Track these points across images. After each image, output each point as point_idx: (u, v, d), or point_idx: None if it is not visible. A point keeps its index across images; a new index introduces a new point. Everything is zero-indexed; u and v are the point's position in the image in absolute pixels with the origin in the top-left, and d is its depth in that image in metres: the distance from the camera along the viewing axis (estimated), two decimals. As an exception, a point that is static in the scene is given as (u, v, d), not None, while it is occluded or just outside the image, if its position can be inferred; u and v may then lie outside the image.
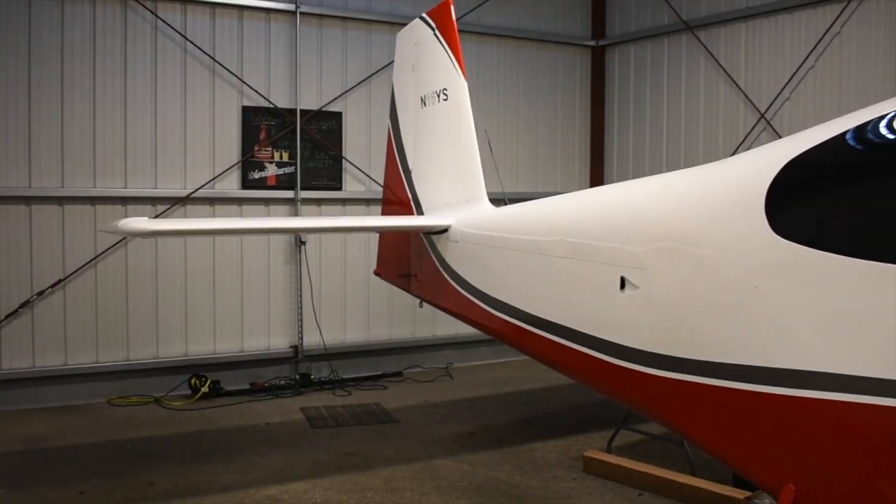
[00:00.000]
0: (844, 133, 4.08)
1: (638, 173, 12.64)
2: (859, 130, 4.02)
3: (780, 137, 9.38)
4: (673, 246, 4.88)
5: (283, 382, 11.58)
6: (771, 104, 11.29)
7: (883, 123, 3.94)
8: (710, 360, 4.58)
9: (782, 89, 11.15)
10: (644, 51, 13.53)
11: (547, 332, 6.37)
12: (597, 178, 14.12)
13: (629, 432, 8.74)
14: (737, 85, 11.85)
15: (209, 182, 11.30)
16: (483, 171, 8.12)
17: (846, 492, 3.97)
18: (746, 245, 4.34)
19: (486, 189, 8.08)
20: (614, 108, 14.11)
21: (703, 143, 12.36)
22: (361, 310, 12.41)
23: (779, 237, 4.14)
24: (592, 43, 14.21)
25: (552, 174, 14.05)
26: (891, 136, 3.94)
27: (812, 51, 10.81)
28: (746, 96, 11.69)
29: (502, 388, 11.71)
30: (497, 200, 8.03)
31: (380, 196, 10.56)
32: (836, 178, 4.18)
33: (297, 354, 11.92)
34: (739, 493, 7.12)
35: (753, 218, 4.28)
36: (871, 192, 3.93)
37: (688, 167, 5.64)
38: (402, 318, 12.51)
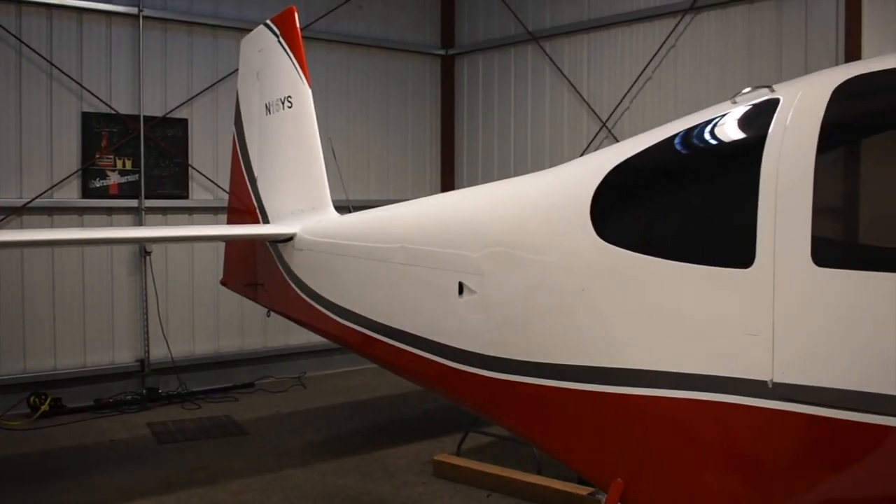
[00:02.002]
0: (660, 143, 4.28)
1: (487, 179, 12.84)
2: (673, 140, 4.23)
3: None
4: (506, 251, 5.00)
5: (129, 398, 11.21)
6: (612, 113, 11.70)
7: (694, 133, 4.15)
8: (541, 361, 4.72)
9: (622, 99, 11.57)
10: (492, 60, 13.79)
11: (391, 338, 6.41)
12: (448, 184, 14.29)
13: (478, 435, 8.88)
14: (580, 94, 12.22)
15: (47, 191, 10.84)
16: (329, 179, 8.11)
17: (671, 484, 4.15)
18: (574, 250, 4.49)
19: (332, 197, 8.07)
20: (464, 116, 14.32)
21: (549, 150, 12.68)
22: (210, 321, 12.15)
23: (603, 241, 4.31)
24: (442, 52, 14.39)
25: (404, 181, 14.13)
26: (700, 146, 4.16)
27: (650, 62, 11.26)
28: (589, 106, 12.07)
29: (355, 396, 11.69)
30: (343, 208, 8.03)
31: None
32: (652, 185, 4.38)
33: (143, 368, 11.55)
34: (583, 490, 7.33)
35: (580, 223, 4.44)
36: (684, 197, 4.14)
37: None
38: (253, 328, 12.31)
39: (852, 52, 9.23)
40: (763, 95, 3.96)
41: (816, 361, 3.48)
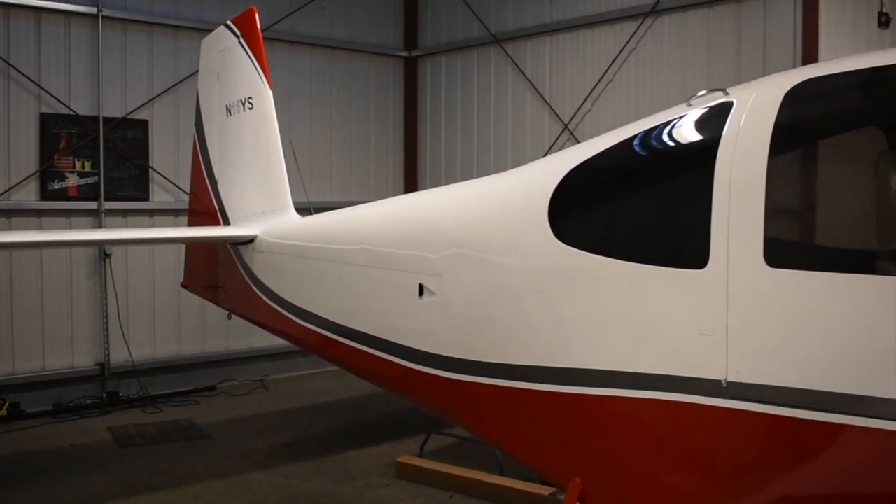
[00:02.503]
0: (615, 145, 4.33)
1: (450, 180, 12.86)
2: (629, 143, 4.27)
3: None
4: (465, 253, 5.02)
5: (89, 402, 11.08)
6: (574, 115, 11.76)
7: (649, 136, 4.19)
8: (500, 362, 4.75)
9: (584, 101, 11.64)
10: (455, 62, 13.81)
11: (352, 340, 6.41)
12: (411, 185, 14.29)
13: (441, 436, 8.89)
14: (542, 97, 12.27)
15: (4, 193, 10.68)
16: (290, 181, 8.08)
17: (629, 483, 4.19)
18: (531, 251, 4.52)
19: (294, 198, 8.04)
20: (427, 118, 14.32)
21: (511, 151, 12.72)
22: (172, 323, 12.04)
23: (561, 243, 4.35)
24: (405, 54, 14.38)
25: (367, 182, 14.10)
26: (655, 148, 4.20)
27: (611, 65, 11.33)
28: (551, 108, 12.13)
29: (318, 399, 11.64)
30: (304, 210, 8.00)
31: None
32: (607, 186, 4.42)
33: (103, 372, 11.41)
34: (545, 490, 7.36)
35: (538, 225, 4.47)
36: (639, 199, 4.18)
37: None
38: (215, 330, 12.20)
39: (809, 55, 9.35)
40: (717, 98, 4.01)
41: (769, 361, 3.53)
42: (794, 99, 3.69)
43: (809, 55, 9.34)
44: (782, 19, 9.73)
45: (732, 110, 3.83)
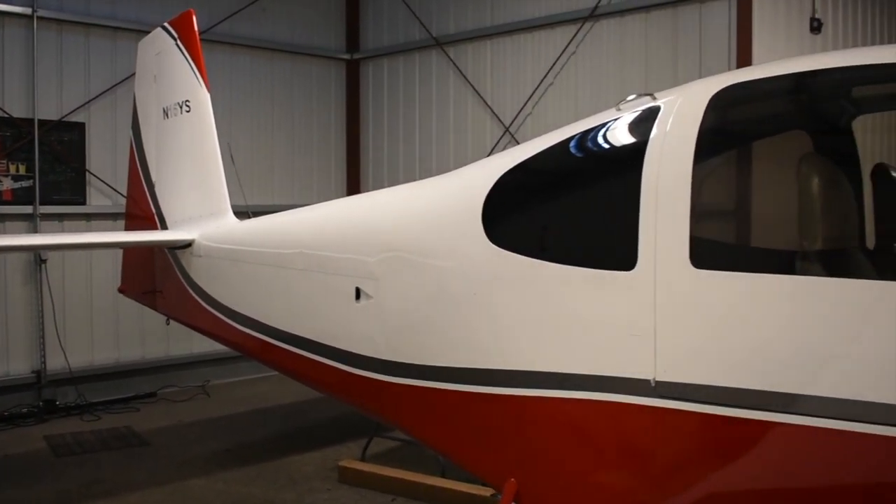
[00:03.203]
0: (546, 149, 4.39)
1: (393, 183, 12.73)
2: (558, 147, 4.33)
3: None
4: (401, 256, 5.03)
5: (24, 410, 10.86)
6: (515, 118, 11.84)
7: (578, 140, 4.25)
8: (435, 364, 4.77)
9: (525, 104, 11.72)
10: (397, 65, 13.81)
11: (291, 345, 6.38)
12: (353, 188, 14.25)
13: (384, 439, 8.87)
14: (483, 100, 12.33)
15: (-65, 198, 10.47)
16: (229, 184, 8.03)
17: (563, 483, 4.23)
18: (465, 254, 4.55)
19: (232, 202, 7.99)
20: (369, 121, 14.31)
21: (453, 154, 12.75)
22: (110, 329, 11.85)
23: (494, 245, 4.38)
24: (347, 56, 14.35)
25: (309, 186, 14.03)
26: (584, 152, 4.26)
27: (551, 68, 11.43)
28: (492, 111, 12.19)
29: (261, 404, 11.56)
30: (242, 213, 7.95)
31: (128, 210, 10.17)
32: (539, 190, 4.47)
33: (39, 380, 11.19)
34: (486, 491, 7.39)
35: (472, 228, 4.50)
36: (569, 202, 4.23)
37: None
38: (154, 336, 12.03)
39: (743, 59, 9.53)
40: (645, 103, 4.07)
41: (696, 360, 3.60)
42: (719, 103, 3.77)
43: (744, 59, 9.52)
44: (717, 24, 9.90)
45: (659, 114, 3.90)
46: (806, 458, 3.38)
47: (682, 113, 3.82)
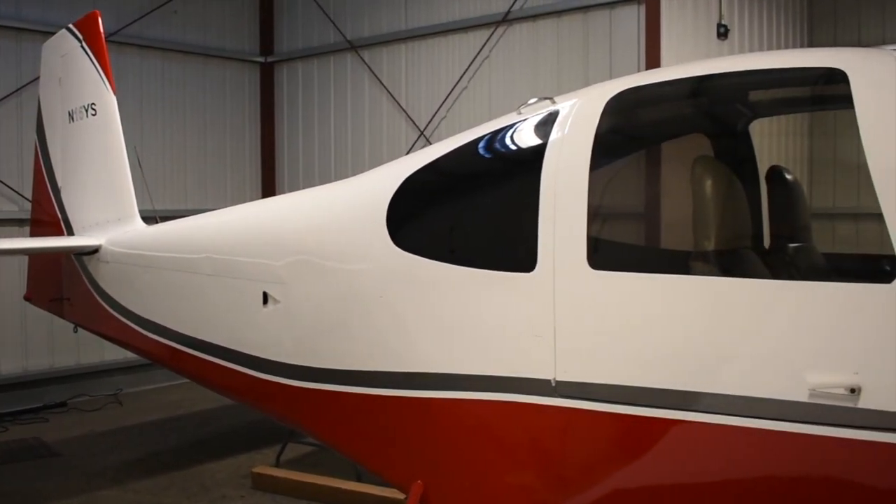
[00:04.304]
0: (448, 153, 4.43)
1: (309, 186, 12.74)
2: (460, 150, 4.37)
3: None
4: (307, 260, 5.02)
5: (-73, 423, 10.53)
6: (430, 121, 11.88)
7: (480, 144, 4.30)
8: (343, 368, 4.77)
9: (439, 108, 11.77)
10: (312, 68, 13.74)
11: (200, 351, 6.30)
12: (269, 192, 14.11)
13: (299, 445, 8.82)
14: (398, 103, 12.35)
15: None
16: (137, 189, 7.90)
17: (468, 483, 4.27)
18: (371, 257, 4.56)
19: (140, 207, 7.87)
20: (284, 124, 14.19)
21: (369, 158, 12.72)
22: (17, 338, 11.50)
23: (398, 248, 4.40)
24: (261, 59, 14.21)
25: (223, 190, 13.84)
26: (485, 156, 4.31)
27: (465, 72, 11.50)
28: (407, 114, 12.22)
29: (174, 411, 11.37)
30: (150, 219, 7.82)
31: (36, 216, 9.91)
32: (441, 193, 4.51)
33: (-57, 391, 10.87)
34: (400, 495, 7.38)
35: (377, 231, 4.51)
36: (471, 205, 4.27)
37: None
38: (64, 344, 11.70)
39: (652, 64, 9.72)
40: (544, 107, 4.14)
41: (595, 359, 3.66)
42: (615, 107, 3.85)
43: (652, 64, 9.71)
44: (627, 29, 10.09)
45: (558, 118, 3.96)
46: (706, 455, 3.46)
47: (579, 117, 3.89)
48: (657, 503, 3.65)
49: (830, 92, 3.85)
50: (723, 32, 10.51)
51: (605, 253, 3.80)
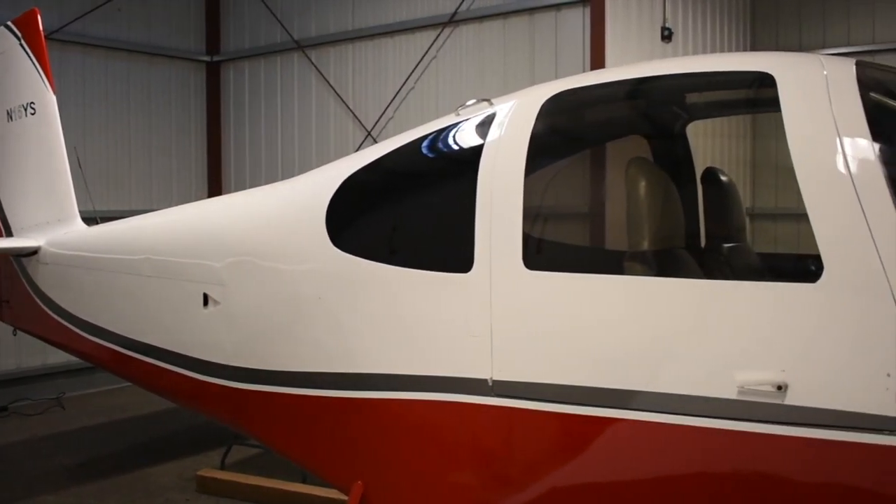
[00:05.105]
0: (387, 154, 4.45)
1: (255, 187, 12.69)
2: (398, 152, 4.39)
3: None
4: (248, 261, 5.00)
5: None
6: (377, 122, 11.88)
7: (418, 145, 4.32)
8: (283, 369, 4.76)
9: (386, 108, 11.78)
10: (258, 68, 13.66)
11: (142, 354, 6.24)
12: (215, 192, 13.98)
13: (245, 447, 8.75)
14: (345, 104, 12.33)
15: None
16: (78, 189, 7.80)
17: (407, 483, 4.28)
18: (311, 258, 4.56)
19: (81, 208, 7.77)
20: (231, 124, 14.09)
21: (316, 158, 12.66)
22: (-45, 342, 11.31)
23: (338, 250, 4.40)
24: (207, 58, 14.09)
25: (168, 190, 13.69)
26: (423, 157, 4.33)
27: (412, 73, 11.52)
28: (355, 115, 12.20)
29: (119, 415, 11.21)
30: (91, 220, 7.73)
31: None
32: (379, 194, 4.53)
33: None
34: (346, 496, 7.38)
35: (316, 232, 4.51)
36: (409, 206, 4.30)
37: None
38: (4, 347, 11.47)
39: (597, 65, 9.81)
40: (482, 108, 4.17)
41: (530, 359, 3.70)
42: (550, 109, 3.89)
43: (598, 66, 9.80)
44: (572, 31, 10.18)
45: (495, 120, 4.00)
46: (641, 453, 3.51)
47: (515, 118, 3.92)
48: (594, 501, 3.69)
49: (760, 95, 3.93)
50: (667, 35, 10.65)
51: (540, 253, 3.84)
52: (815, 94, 3.32)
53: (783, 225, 11.79)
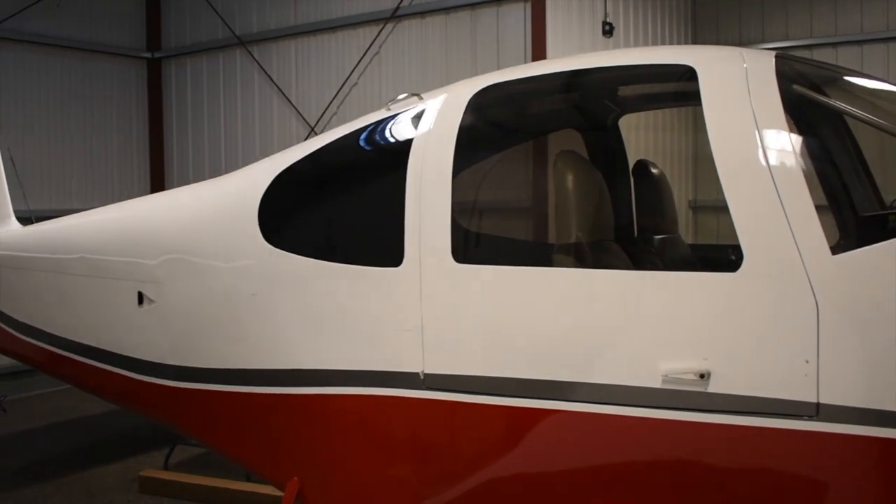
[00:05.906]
0: (318, 149, 4.45)
1: (198, 186, 12.59)
2: (330, 147, 4.40)
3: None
4: (181, 258, 4.96)
5: None
6: (320, 118, 11.83)
7: (349, 140, 4.33)
8: (218, 367, 4.74)
9: (329, 104, 11.74)
10: (200, 64, 13.54)
11: (78, 355, 6.14)
12: (158, 189, 13.76)
13: (189, 447, 8.68)
14: (288, 100, 12.27)
15: None
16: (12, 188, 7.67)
17: (343, 478, 4.29)
18: (243, 254, 4.54)
19: (15, 207, 7.64)
20: (173, 121, 13.95)
21: (259, 154, 12.52)
22: None
23: (270, 245, 4.39)
24: (148, 55, 13.93)
25: (109, 188, 13.51)
26: (353, 152, 4.34)
27: (355, 68, 11.51)
28: (298, 111, 12.15)
29: (61, 417, 11.05)
30: (26, 220, 7.60)
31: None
32: (310, 189, 4.52)
33: None
34: (291, 493, 7.36)
35: (248, 228, 4.49)
36: (340, 201, 4.30)
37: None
38: (-58, 351, 11.30)
39: (538, 58, 9.88)
40: (412, 103, 4.18)
41: (461, 352, 3.72)
42: (478, 103, 3.92)
43: (539, 56, 9.88)
44: (513, 26, 10.25)
45: (424, 114, 4.01)
46: (571, 443, 3.55)
47: (443, 113, 3.94)
48: (528, 492, 3.73)
49: (684, 89, 3.99)
50: (608, 30, 10.75)
51: (469, 246, 3.87)
52: (735, 87, 3.38)
53: (725, 217, 11.90)
